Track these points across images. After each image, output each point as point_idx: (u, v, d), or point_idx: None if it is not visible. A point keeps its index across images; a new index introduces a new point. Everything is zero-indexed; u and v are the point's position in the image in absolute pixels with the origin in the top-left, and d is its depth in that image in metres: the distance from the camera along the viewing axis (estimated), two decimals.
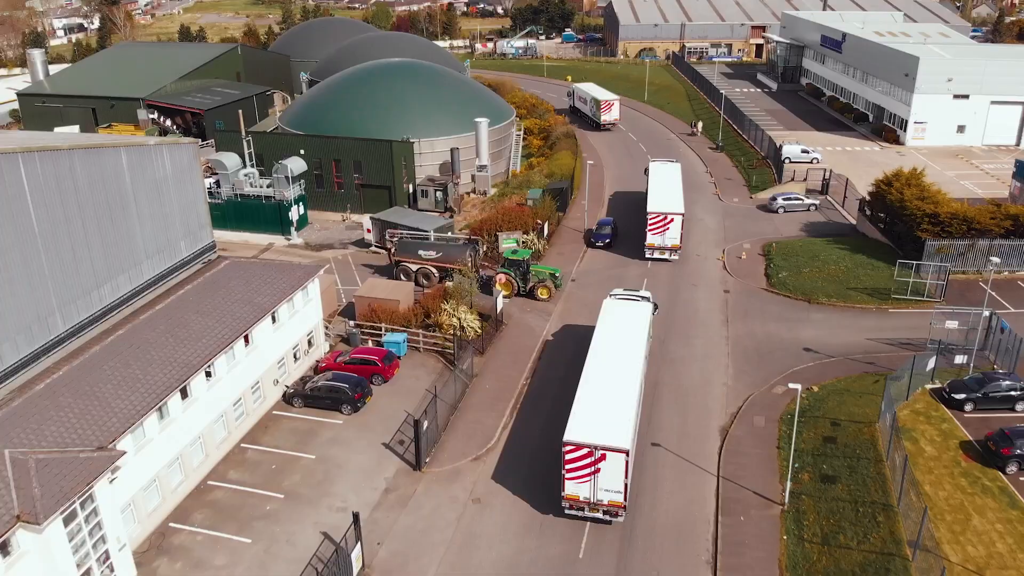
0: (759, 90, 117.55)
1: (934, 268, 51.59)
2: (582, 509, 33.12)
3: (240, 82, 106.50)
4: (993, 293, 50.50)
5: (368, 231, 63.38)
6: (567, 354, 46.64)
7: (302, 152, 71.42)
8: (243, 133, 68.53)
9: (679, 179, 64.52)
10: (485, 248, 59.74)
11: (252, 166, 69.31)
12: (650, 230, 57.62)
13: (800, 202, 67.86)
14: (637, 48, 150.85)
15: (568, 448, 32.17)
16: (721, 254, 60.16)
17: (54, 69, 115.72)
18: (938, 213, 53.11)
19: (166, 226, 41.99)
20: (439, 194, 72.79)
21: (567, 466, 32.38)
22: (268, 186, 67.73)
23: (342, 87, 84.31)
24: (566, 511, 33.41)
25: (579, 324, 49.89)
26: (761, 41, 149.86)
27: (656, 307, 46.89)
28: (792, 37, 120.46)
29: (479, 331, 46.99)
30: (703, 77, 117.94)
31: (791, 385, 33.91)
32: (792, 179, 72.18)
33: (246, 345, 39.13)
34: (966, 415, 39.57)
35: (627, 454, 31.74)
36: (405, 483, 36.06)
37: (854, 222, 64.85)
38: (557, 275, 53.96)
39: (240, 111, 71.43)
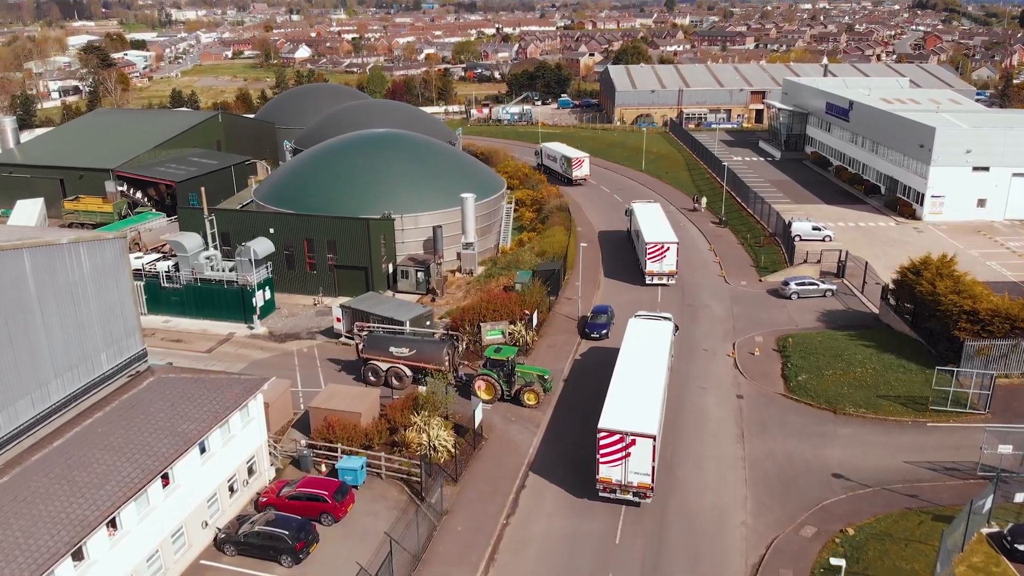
0: (762, 159, 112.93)
1: (977, 375, 45.01)
2: (614, 491, 37.33)
3: (220, 151, 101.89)
4: None
5: (338, 320, 57.12)
6: (557, 478, 39.78)
7: (271, 231, 65.77)
8: (205, 211, 62.78)
9: (663, 215, 71.78)
10: (466, 343, 53.33)
11: (215, 247, 63.47)
12: (649, 258, 64.46)
13: (815, 287, 61.75)
14: (634, 114, 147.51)
15: (602, 434, 36.74)
16: (731, 349, 53.69)
17: (42, 132, 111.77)
18: (977, 310, 46.82)
19: (82, 337, 35.61)
20: (420, 275, 66.89)
21: (601, 451, 36.85)
22: (231, 270, 61.81)
23: (322, 159, 79.32)
24: (600, 493, 37.57)
25: (572, 438, 43.13)
26: (761, 106, 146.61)
27: (677, 328, 51.37)
28: (795, 104, 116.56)
29: (453, 451, 40.18)
30: (702, 145, 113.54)
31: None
32: (805, 260, 66.21)
33: (165, 486, 32.32)
34: None
35: (654, 439, 36.15)
36: None
37: (876, 311, 58.58)
38: (546, 377, 47.37)
39: (203, 188, 65.91)
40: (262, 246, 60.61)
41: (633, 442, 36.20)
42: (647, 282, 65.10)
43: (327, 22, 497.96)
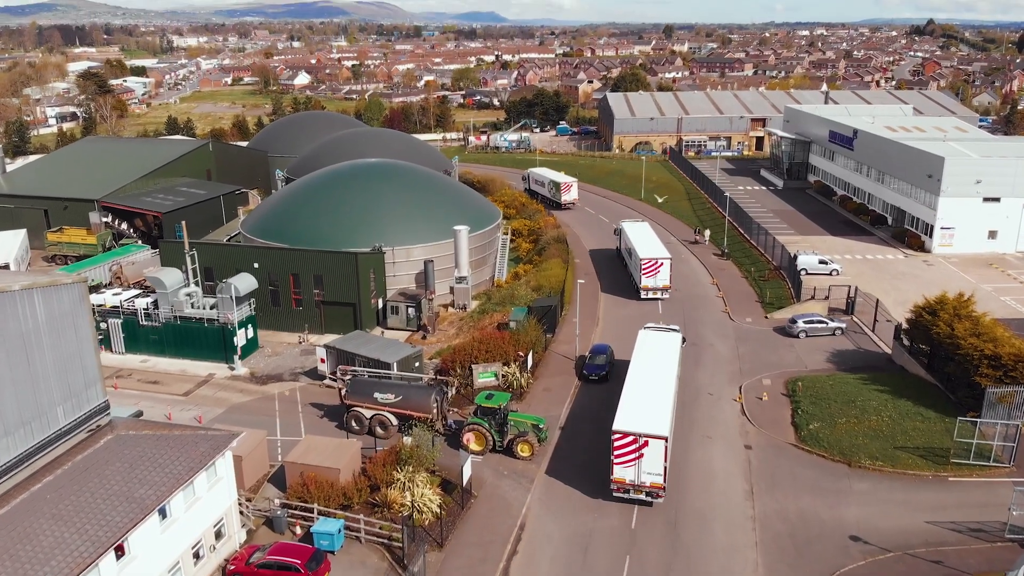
0: (764, 188, 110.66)
1: (1000, 425, 42.06)
2: (627, 491, 38.52)
3: (210, 181, 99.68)
4: None
5: (322, 361, 54.27)
6: (554, 540, 36.69)
7: (256, 266, 63.20)
8: (186, 246, 60.21)
9: (653, 233, 74.56)
10: (456, 386, 50.45)
11: (196, 283, 60.80)
12: (644, 274, 66.70)
13: (824, 325, 58.94)
14: (633, 142, 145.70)
15: (616, 436, 38.10)
16: (738, 393, 50.73)
17: (30, 161, 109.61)
18: (1000, 355, 43.95)
19: (36, 391, 32.82)
20: (411, 311, 64.20)
21: (615, 452, 38.11)
22: (213, 307, 59.09)
23: (312, 190, 77.03)
24: (613, 494, 38.77)
25: (569, 494, 40.07)
26: (761, 134, 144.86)
27: (684, 339, 53.02)
28: (797, 132, 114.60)
29: (438, 512, 37.12)
30: (703, 174, 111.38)
31: None
32: (812, 296, 63.49)
33: (120, 557, 29.29)
34: None
35: (666, 440, 37.63)
36: None
37: (889, 352, 55.72)
38: (541, 426, 44.37)
39: (183, 222, 63.39)
40: (244, 283, 57.93)
41: (646, 443, 37.74)
42: (642, 297, 67.37)
43: (328, 49, 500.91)
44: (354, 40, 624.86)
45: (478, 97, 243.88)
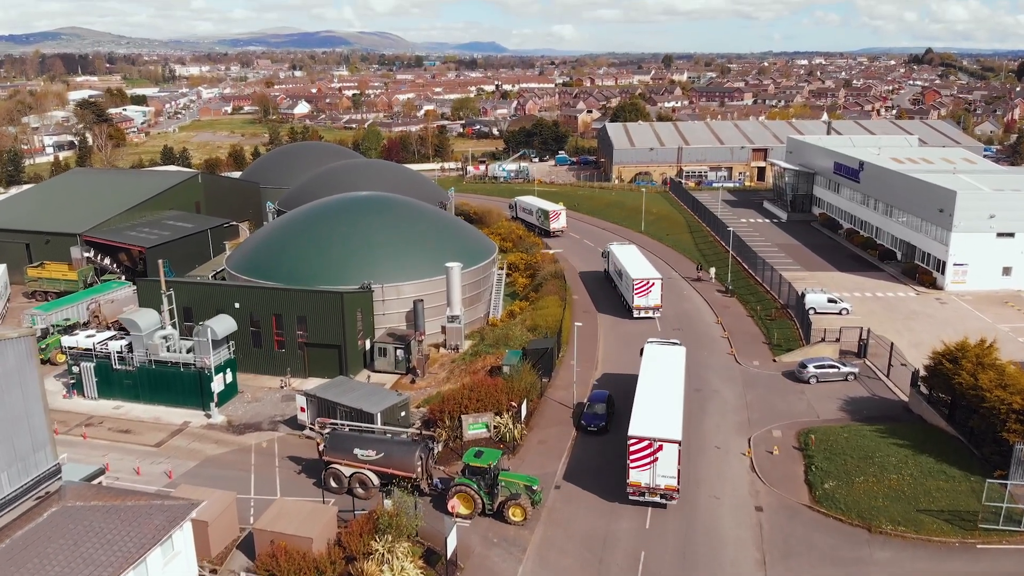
0: (767, 220, 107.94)
1: None
2: (643, 494, 40.44)
3: (199, 213, 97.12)
4: None
5: (302, 409, 51.01)
6: None
7: (237, 305, 60.16)
8: (163, 286, 57.24)
9: (641, 255, 78.57)
10: (445, 439, 47.12)
11: (173, 324, 57.73)
12: (636, 294, 69.47)
13: (836, 370, 55.72)
14: (632, 172, 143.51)
15: (632, 441, 40.07)
16: (747, 447, 47.35)
17: (13, 193, 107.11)
18: None
19: None
20: (400, 353, 61.03)
21: (631, 456, 40.08)
22: (190, 350, 55.98)
23: (300, 224, 74.33)
24: (629, 497, 40.72)
25: (567, 565, 36.58)
26: (763, 164, 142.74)
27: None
28: (800, 163, 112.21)
29: None
30: (704, 206, 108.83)
31: None
32: (822, 339, 60.29)
33: None
34: None
35: (679, 444, 39.69)
36: None
37: (906, 399, 52.42)
38: (535, 487, 40.92)
39: (160, 261, 60.47)
40: (222, 325, 54.87)
41: (660, 447, 39.63)
42: (635, 315, 70.06)
43: (329, 78, 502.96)
44: (356, 70, 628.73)
45: (477, 127, 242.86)
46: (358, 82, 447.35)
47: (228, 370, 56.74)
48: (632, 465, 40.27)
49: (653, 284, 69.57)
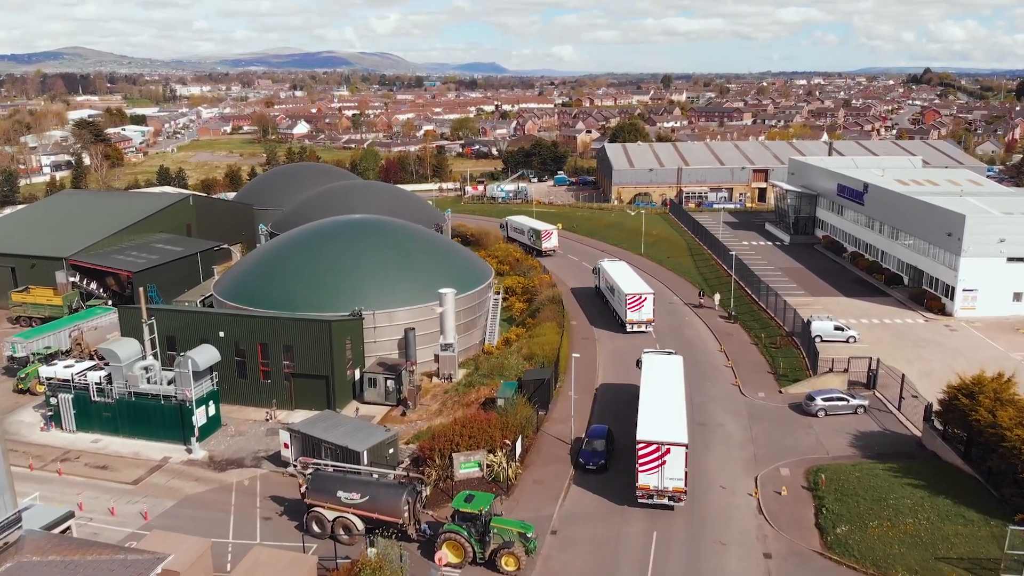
0: (769, 243, 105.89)
1: None
2: (651, 497, 41.39)
3: (190, 236, 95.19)
4: None
5: (285, 446, 48.56)
6: None
7: (221, 334, 57.98)
8: (144, 314, 55.06)
9: (632, 270, 79.75)
10: (434, 479, 44.71)
11: (154, 354, 55.49)
12: (629, 308, 70.67)
13: (845, 403, 53.37)
14: (631, 193, 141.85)
15: (641, 445, 41.15)
16: (754, 486, 44.91)
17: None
18: None
19: None
20: (391, 383, 58.75)
21: (640, 460, 41.13)
22: (171, 382, 53.71)
23: (291, 248, 72.41)
24: (638, 500, 41.62)
25: None
26: (764, 185, 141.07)
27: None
28: (802, 184, 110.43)
29: None
30: (705, 228, 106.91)
31: None
32: (830, 369, 57.96)
33: None
34: None
35: (686, 447, 40.85)
36: None
37: (919, 434, 50.05)
38: (530, 535, 38.43)
39: (141, 288, 58.40)
40: (204, 356, 52.64)
41: (668, 450, 40.88)
42: (628, 330, 71.18)
43: (329, 98, 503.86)
44: (356, 90, 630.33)
45: (476, 146, 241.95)
46: (358, 102, 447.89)
47: (211, 402, 54.45)
48: (641, 469, 41.45)
49: (645, 298, 70.57)
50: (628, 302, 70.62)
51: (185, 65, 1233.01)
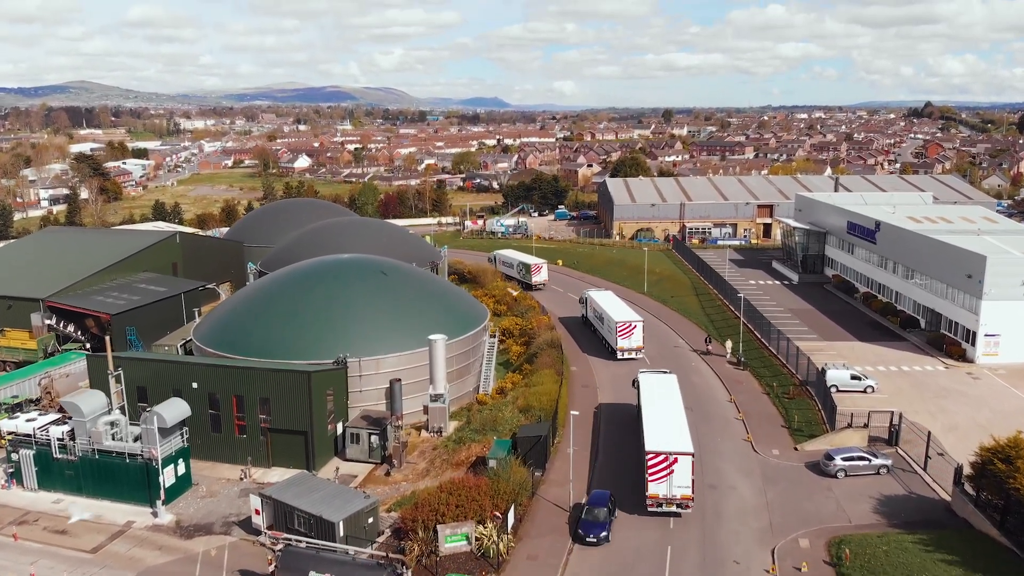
0: (777, 282, 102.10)
1: None
2: (660, 505, 44.23)
3: (175, 275, 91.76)
4: None
5: (256, 512, 44.52)
6: None
7: (195, 385, 54.16)
8: (110, 365, 51.33)
9: (619, 299, 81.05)
10: (417, 556, 40.46)
11: (121, 408, 51.65)
12: (620, 336, 72.11)
13: (867, 463, 49.20)
14: (633, 228, 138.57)
15: (650, 455, 44.25)
16: (771, 562, 40.59)
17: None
18: None
19: None
20: (375, 439, 54.73)
21: (650, 470, 44.14)
22: (138, 438, 49.79)
23: (275, 290, 68.94)
24: (648, 508, 44.38)
25: None
26: (769, 220, 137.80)
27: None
28: (810, 221, 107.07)
29: None
30: (710, 266, 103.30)
31: None
32: (849, 425, 53.85)
33: None
34: None
35: (693, 456, 44.25)
36: None
37: (947, 498, 45.80)
38: None
39: (107, 336, 54.81)
40: (172, 411, 48.80)
41: (676, 460, 43.42)
42: (619, 357, 72.37)
43: (332, 132, 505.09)
44: (359, 123, 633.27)
45: (477, 180, 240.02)
46: (361, 136, 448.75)
47: (180, 460, 50.48)
48: (651, 478, 43.72)
49: (635, 326, 72.18)
50: (618, 330, 71.83)
51: (191, 99, 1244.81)
